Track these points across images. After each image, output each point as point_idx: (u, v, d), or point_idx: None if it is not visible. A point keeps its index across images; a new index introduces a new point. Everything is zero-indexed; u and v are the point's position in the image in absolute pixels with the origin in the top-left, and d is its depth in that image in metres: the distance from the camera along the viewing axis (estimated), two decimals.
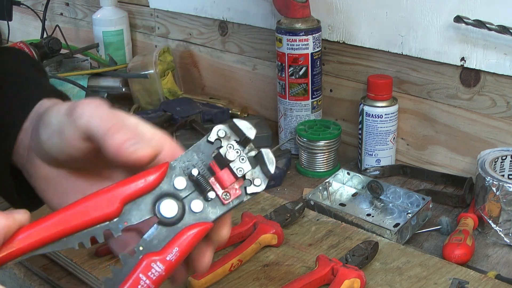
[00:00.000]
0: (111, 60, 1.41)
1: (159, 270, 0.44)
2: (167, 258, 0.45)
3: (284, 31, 1.06)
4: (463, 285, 0.72)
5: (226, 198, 0.47)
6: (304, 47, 1.05)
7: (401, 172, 1.05)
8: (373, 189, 0.96)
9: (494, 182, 0.83)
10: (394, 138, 1.04)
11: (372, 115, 1.02)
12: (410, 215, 0.89)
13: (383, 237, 0.83)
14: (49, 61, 1.34)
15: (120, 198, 0.44)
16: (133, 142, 0.45)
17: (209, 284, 0.73)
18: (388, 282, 0.74)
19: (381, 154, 1.04)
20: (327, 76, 1.14)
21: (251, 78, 1.29)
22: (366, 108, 1.02)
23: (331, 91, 1.15)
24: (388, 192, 0.95)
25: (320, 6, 1.10)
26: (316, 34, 1.06)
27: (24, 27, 1.83)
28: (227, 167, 0.46)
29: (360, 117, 1.04)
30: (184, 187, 0.46)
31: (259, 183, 0.48)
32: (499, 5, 0.89)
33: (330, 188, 0.98)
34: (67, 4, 1.68)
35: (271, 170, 0.47)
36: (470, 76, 0.96)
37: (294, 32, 1.05)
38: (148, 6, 1.45)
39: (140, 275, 0.44)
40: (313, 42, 1.06)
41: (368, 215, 0.92)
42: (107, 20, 1.46)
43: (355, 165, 1.10)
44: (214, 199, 0.46)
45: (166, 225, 0.46)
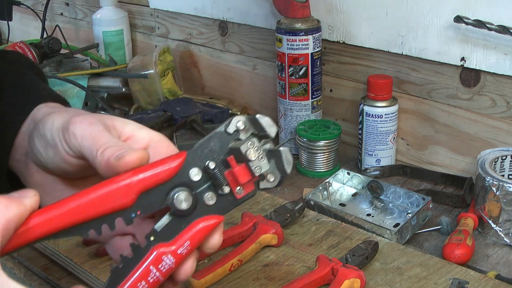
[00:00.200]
0: (111, 60, 1.41)
1: (169, 263, 0.44)
2: (178, 252, 0.44)
3: (284, 31, 1.06)
4: (463, 285, 0.72)
5: (240, 193, 0.46)
6: (304, 47, 1.05)
7: (401, 172, 1.05)
8: (373, 189, 0.96)
9: (494, 182, 0.83)
10: (394, 138, 1.04)
11: (372, 115, 1.02)
12: (410, 215, 0.89)
13: (383, 237, 0.83)
14: (49, 61, 1.33)
15: (137, 188, 0.43)
16: (118, 154, 0.44)
17: (209, 284, 0.73)
18: (388, 282, 0.74)
19: (381, 154, 1.04)
20: (327, 76, 1.14)
21: (251, 78, 1.29)
22: (366, 108, 1.02)
23: (331, 91, 1.15)
24: (388, 192, 0.95)
25: (320, 6, 1.10)
26: (316, 34, 1.06)
27: (24, 27, 1.83)
28: (244, 164, 0.45)
29: (360, 117, 1.04)
30: (199, 179, 0.45)
31: (273, 179, 0.47)
32: (499, 5, 0.89)
33: (330, 188, 0.98)
34: (67, 4, 1.69)
35: (287, 171, 0.47)
36: (470, 76, 0.96)
37: (294, 32, 1.05)
38: (148, 6, 1.45)
39: (151, 267, 0.44)
40: (313, 42, 1.06)
41: (368, 215, 0.92)
42: (107, 20, 1.46)
43: (355, 165, 1.10)
44: (228, 193, 0.46)
45: (179, 216, 0.45)
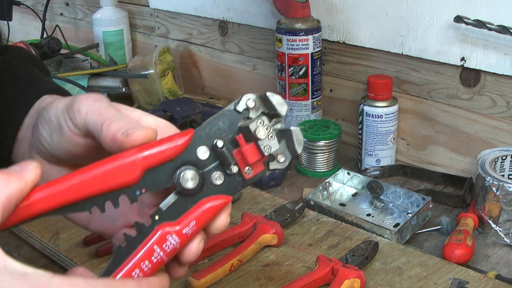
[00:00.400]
0: (111, 60, 1.41)
1: (174, 243, 0.43)
2: (184, 232, 0.43)
3: (284, 31, 1.06)
4: (463, 285, 0.72)
5: (249, 173, 0.45)
6: (304, 47, 1.06)
7: (401, 172, 1.05)
8: (373, 189, 0.96)
9: (494, 182, 0.83)
10: (394, 138, 1.04)
11: (372, 115, 1.02)
12: (410, 215, 0.89)
13: (383, 237, 0.83)
14: (49, 61, 1.33)
15: (142, 165, 0.42)
16: (126, 129, 0.44)
17: (209, 284, 0.73)
18: (388, 282, 0.74)
19: (381, 154, 1.04)
20: (327, 76, 1.14)
21: (251, 78, 1.29)
22: (366, 108, 1.02)
23: (331, 91, 1.15)
24: (388, 192, 0.95)
25: (320, 6, 1.10)
26: (316, 34, 1.06)
27: (24, 27, 1.83)
28: (253, 143, 0.44)
29: (360, 117, 1.04)
30: (207, 157, 0.44)
31: (283, 160, 0.45)
32: (499, 5, 0.89)
33: (330, 188, 0.98)
34: (67, 4, 1.68)
35: (298, 151, 0.45)
36: (470, 76, 0.96)
37: (294, 32, 1.05)
38: (148, 6, 1.45)
39: (155, 246, 0.42)
40: (313, 42, 1.06)
41: (368, 215, 0.92)
42: (107, 20, 1.46)
43: (355, 165, 1.09)
44: (236, 173, 0.44)
45: (185, 195, 0.44)
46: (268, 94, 0.45)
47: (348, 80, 1.12)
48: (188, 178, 0.43)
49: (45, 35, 1.51)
